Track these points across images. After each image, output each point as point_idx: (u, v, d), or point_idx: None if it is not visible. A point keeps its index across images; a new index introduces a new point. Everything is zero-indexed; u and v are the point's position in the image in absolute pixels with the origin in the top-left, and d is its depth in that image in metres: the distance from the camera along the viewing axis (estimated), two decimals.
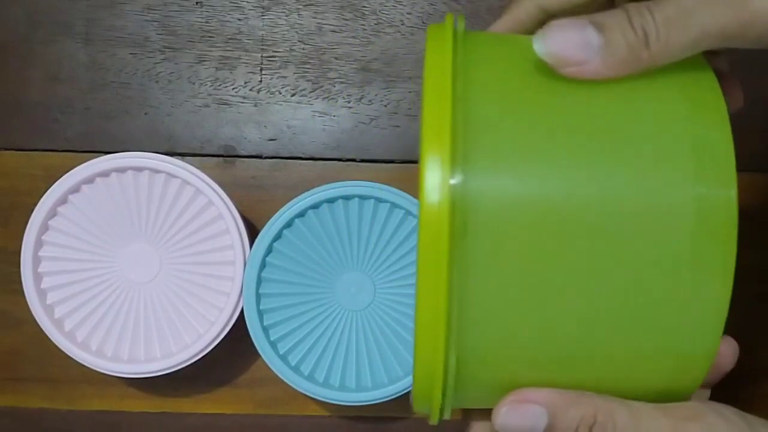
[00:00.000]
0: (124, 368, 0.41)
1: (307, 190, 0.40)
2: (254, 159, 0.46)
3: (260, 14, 0.45)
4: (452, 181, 0.22)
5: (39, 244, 0.41)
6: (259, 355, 0.41)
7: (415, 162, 0.45)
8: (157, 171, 0.41)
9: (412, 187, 0.42)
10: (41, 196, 0.40)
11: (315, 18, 0.45)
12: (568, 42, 0.22)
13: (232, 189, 0.43)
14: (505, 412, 0.24)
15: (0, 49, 0.45)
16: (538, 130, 0.23)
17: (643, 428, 0.23)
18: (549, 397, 0.24)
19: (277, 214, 0.41)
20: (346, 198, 0.41)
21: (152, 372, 0.41)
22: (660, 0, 0.22)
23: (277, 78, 0.45)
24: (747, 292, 0.30)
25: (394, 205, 0.41)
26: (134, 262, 0.42)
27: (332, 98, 0.45)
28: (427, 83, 0.23)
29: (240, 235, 0.41)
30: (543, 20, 0.27)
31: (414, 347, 0.23)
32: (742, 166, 0.30)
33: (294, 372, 0.41)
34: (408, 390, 0.41)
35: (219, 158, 0.46)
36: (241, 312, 0.41)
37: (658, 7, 0.22)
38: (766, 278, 0.46)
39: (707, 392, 0.28)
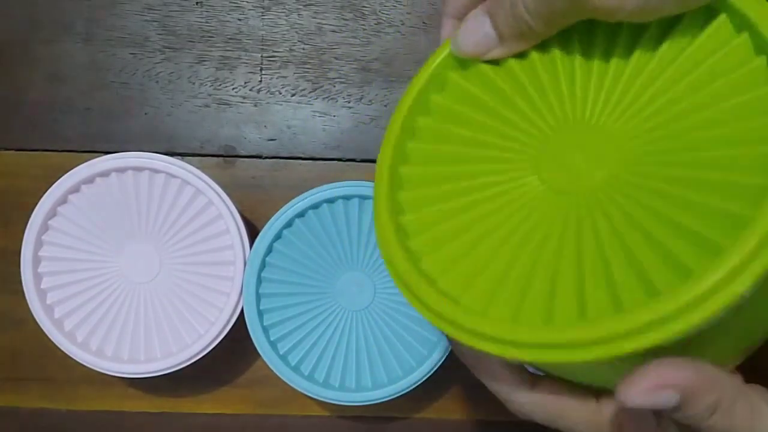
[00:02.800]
0: (124, 368, 0.41)
1: (307, 190, 0.40)
2: (254, 159, 0.46)
3: (260, 14, 0.45)
4: None
5: (39, 244, 0.41)
6: (259, 355, 0.41)
7: None
8: (157, 171, 0.41)
9: None
10: (41, 196, 0.40)
11: (315, 18, 0.45)
12: (474, 39, 0.27)
13: (232, 189, 0.43)
14: (635, 394, 0.23)
15: (0, 49, 0.45)
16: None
17: (757, 426, 0.23)
18: (688, 381, 0.23)
19: (277, 214, 0.41)
20: (346, 198, 0.41)
21: (152, 372, 0.41)
22: None
23: (277, 78, 0.45)
24: None
25: None
26: (134, 262, 0.42)
27: (332, 98, 0.45)
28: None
29: (240, 235, 0.41)
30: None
31: None
32: None
33: (294, 372, 0.41)
34: (408, 390, 0.41)
35: (219, 158, 0.46)
36: (241, 312, 0.41)
37: None
38: None
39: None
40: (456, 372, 0.42)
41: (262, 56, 0.45)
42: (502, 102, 0.27)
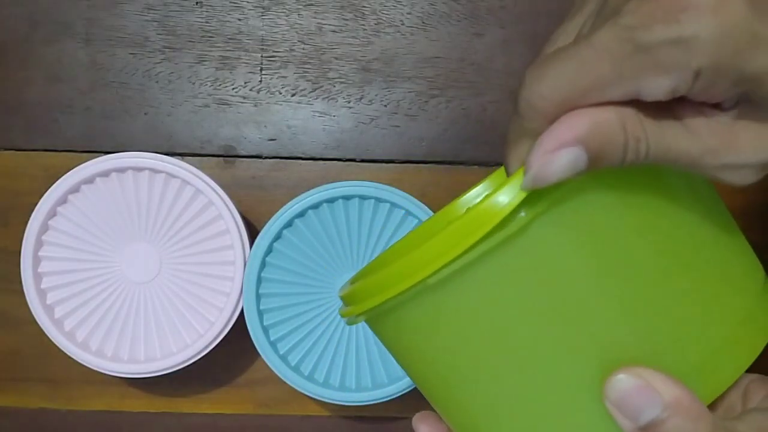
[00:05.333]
0: (124, 368, 0.41)
1: (307, 190, 0.40)
2: (254, 159, 0.46)
3: (260, 14, 0.45)
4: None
5: (39, 244, 0.41)
6: (259, 355, 0.41)
7: (415, 162, 0.45)
8: (157, 171, 0.41)
9: (412, 187, 0.42)
10: (41, 196, 0.40)
11: (315, 18, 0.45)
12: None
13: (232, 189, 0.43)
14: (625, 383, 0.22)
15: (0, 49, 0.45)
16: None
17: None
18: (675, 397, 0.22)
19: (277, 214, 0.41)
20: (346, 198, 0.41)
21: (152, 372, 0.41)
22: None
23: (277, 78, 0.45)
24: None
25: (394, 205, 0.41)
26: (134, 262, 0.42)
27: (332, 98, 0.45)
28: None
29: (240, 235, 0.41)
30: None
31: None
32: None
33: (294, 372, 0.41)
34: (408, 390, 0.41)
35: (219, 158, 0.46)
36: (241, 312, 0.41)
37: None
38: None
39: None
40: None
41: (262, 56, 0.45)
42: None
